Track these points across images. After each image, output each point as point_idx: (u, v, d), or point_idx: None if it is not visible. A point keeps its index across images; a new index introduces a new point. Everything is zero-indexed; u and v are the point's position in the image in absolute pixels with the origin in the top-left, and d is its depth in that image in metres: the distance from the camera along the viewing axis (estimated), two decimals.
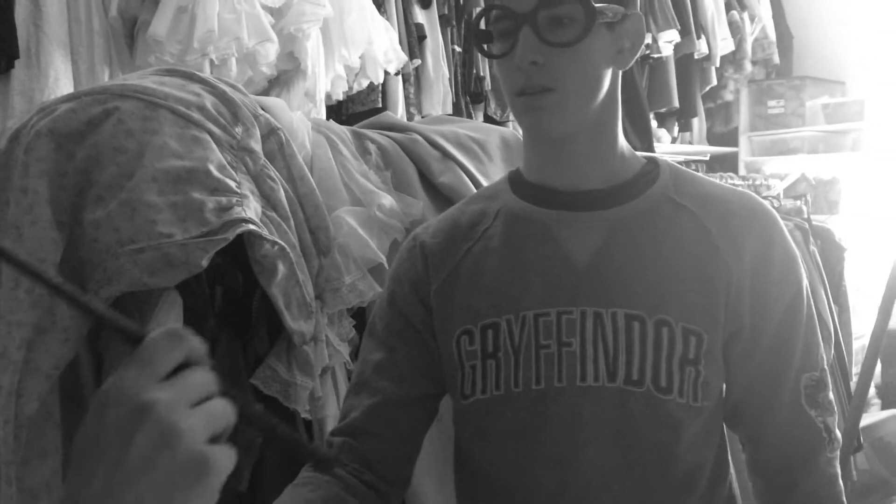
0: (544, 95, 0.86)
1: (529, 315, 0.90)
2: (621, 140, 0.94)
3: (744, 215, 0.91)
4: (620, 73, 0.92)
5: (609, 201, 0.92)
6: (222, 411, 0.50)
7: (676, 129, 3.72)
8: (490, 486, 0.94)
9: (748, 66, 3.81)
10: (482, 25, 0.91)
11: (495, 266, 0.93)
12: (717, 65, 3.64)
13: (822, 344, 0.95)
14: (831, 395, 0.95)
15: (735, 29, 3.69)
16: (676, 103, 3.46)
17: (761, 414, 0.93)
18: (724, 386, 0.94)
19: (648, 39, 3.18)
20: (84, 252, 1.14)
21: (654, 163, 0.96)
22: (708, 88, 3.69)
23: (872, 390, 2.92)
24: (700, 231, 0.90)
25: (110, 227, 1.11)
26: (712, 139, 3.94)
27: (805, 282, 0.93)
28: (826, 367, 0.95)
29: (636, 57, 0.92)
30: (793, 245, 0.93)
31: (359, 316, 1.41)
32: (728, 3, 3.69)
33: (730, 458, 0.98)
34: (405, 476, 0.99)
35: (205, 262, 1.13)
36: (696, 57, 3.46)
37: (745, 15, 3.76)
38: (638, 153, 0.98)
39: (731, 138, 3.96)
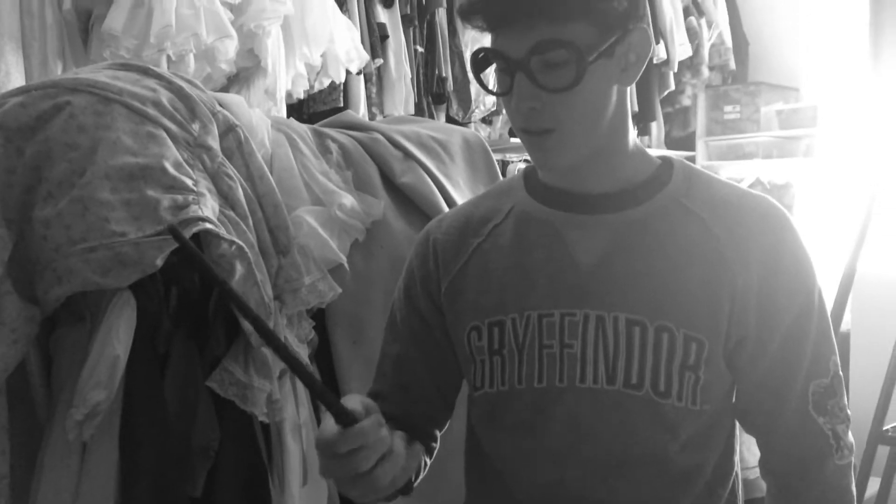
0: (546, 135, 0.86)
1: (534, 315, 0.91)
2: (633, 143, 0.94)
3: (754, 221, 0.90)
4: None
5: (618, 205, 0.92)
6: None
7: (635, 132, 3.76)
8: (495, 472, 0.97)
9: (705, 72, 3.87)
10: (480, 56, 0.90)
11: (503, 264, 0.95)
12: (676, 70, 3.69)
13: (835, 350, 0.94)
14: (844, 402, 0.94)
15: (693, 35, 3.74)
16: (636, 107, 3.50)
17: (769, 419, 0.94)
18: (734, 389, 0.95)
19: None
20: (33, 251, 1.11)
21: (668, 164, 0.96)
22: (666, 93, 3.74)
23: None
24: (707, 237, 0.89)
25: (61, 226, 1.08)
26: (670, 143, 3.99)
27: (818, 288, 0.92)
28: (839, 373, 0.93)
29: (643, 67, 0.89)
30: (806, 251, 0.92)
31: (318, 317, 1.39)
32: (686, 9, 3.74)
33: (737, 459, 0.99)
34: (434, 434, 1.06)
35: (159, 262, 1.10)
36: (654, 62, 3.50)
37: (703, 21, 3.82)
38: (654, 153, 0.97)
39: (688, 143, 4.01)
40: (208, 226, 1.15)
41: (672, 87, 3.72)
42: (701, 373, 0.88)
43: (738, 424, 0.99)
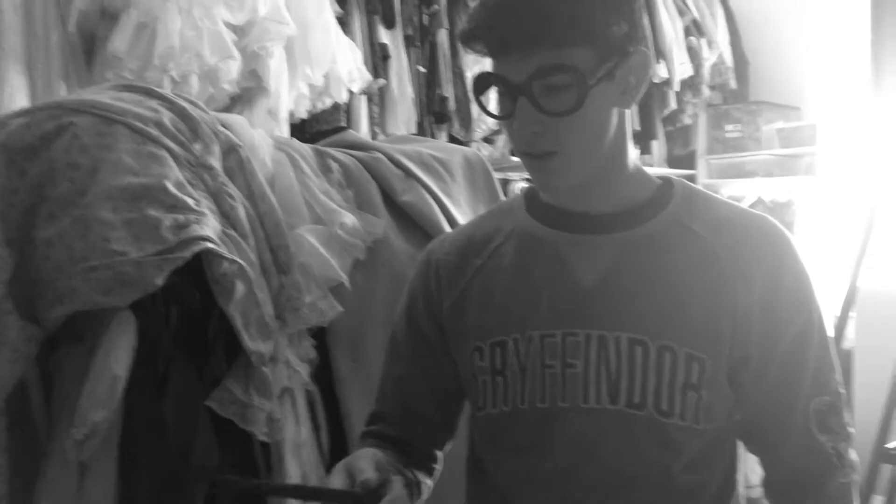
0: (549, 158, 0.87)
1: (536, 335, 0.91)
2: (633, 164, 0.94)
3: (755, 241, 0.90)
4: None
5: (619, 225, 0.92)
6: None
7: (637, 151, 3.77)
8: (497, 492, 0.97)
9: (706, 91, 3.88)
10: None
11: (505, 285, 0.95)
12: (677, 89, 3.70)
13: (837, 368, 0.94)
14: (846, 420, 0.93)
15: (693, 54, 3.76)
16: (637, 126, 3.52)
17: (771, 437, 0.94)
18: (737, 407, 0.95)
19: None
20: (35, 271, 1.11)
21: (668, 185, 0.96)
22: (667, 112, 3.75)
23: None
24: (709, 257, 0.90)
25: (62, 245, 1.08)
26: (672, 162, 4.00)
27: (818, 307, 0.92)
28: (840, 391, 0.93)
29: (643, 89, 0.90)
30: (806, 271, 0.92)
31: (319, 336, 1.39)
32: (687, 29, 3.77)
33: (740, 478, 0.99)
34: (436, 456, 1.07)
35: (160, 281, 1.10)
36: (655, 81, 3.52)
37: (703, 41, 3.84)
38: (654, 174, 0.98)
39: (689, 161, 4.02)
40: (209, 245, 1.15)
41: (673, 106, 3.74)
42: (703, 392, 0.88)
43: (740, 443, 0.98)
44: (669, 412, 0.88)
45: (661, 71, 3.53)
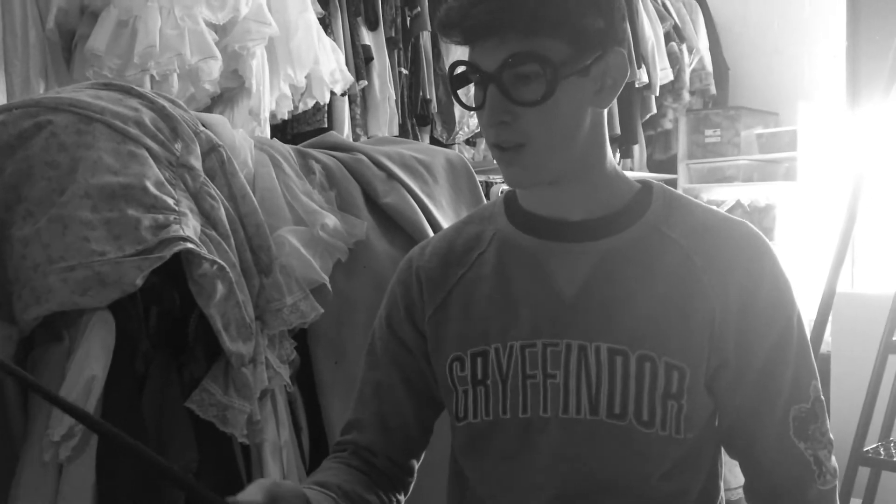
0: (517, 151, 0.86)
1: (517, 345, 0.91)
2: (611, 169, 0.94)
3: (733, 248, 0.90)
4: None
5: (597, 232, 0.92)
6: None
7: (618, 155, 3.79)
8: (477, 500, 0.97)
9: (686, 96, 3.92)
10: (457, 72, 0.90)
11: (486, 294, 0.95)
12: (657, 94, 3.73)
13: (815, 375, 0.93)
14: (826, 427, 0.93)
15: (674, 60, 3.79)
16: (618, 130, 3.54)
17: (750, 444, 0.93)
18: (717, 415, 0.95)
19: None
20: (12, 270, 1.10)
21: (647, 189, 0.96)
22: (648, 117, 3.78)
23: None
24: (686, 264, 0.89)
25: (40, 244, 1.07)
26: (652, 166, 4.02)
27: (797, 313, 0.92)
28: (820, 397, 0.93)
29: (618, 91, 0.90)
30: (786, 277, 0.92)
31: (300, 337, 1.38)
32: (667, 35, 3.80)
33: (721, 483, 0.99)
34: (412, 465, 1.06)
35: (139, 282, 1.10)
36: (636, 86, 3.54)
37: (684, 46, 3.88)
38: (633, 178, 0.98)
39: (670, 165, 4.05)
40: (189, 245, 1.14)
41: (654, 110, 3.77)
42: (683, 401, 0.88)
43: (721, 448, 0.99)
44: (650, 422, 0.88)
45: (642, 76, 3.55)
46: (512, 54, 0.82)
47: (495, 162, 0.91)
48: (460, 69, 0.88)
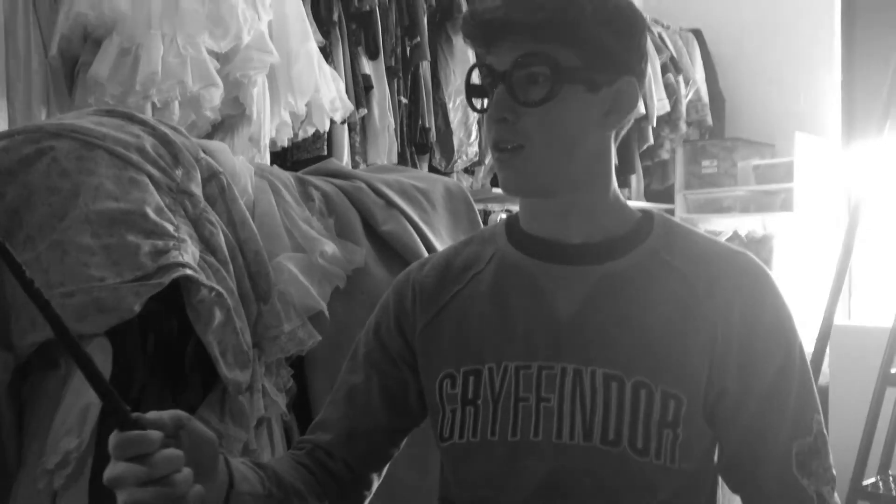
0: (515, 153, 0.88)
1: (511, 366, 0.90)
2: (614, 195, 0.94)
3: (734, 277, 0.89)
4: (613, 134, 0.92)
5: (597, 256, 0.92)
6: None
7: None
8: None
9: (683, 127, 3.95)
10: (474, 80, 0.93)
11: (481, 312, 0.94)
12: (654, 125, 3.77)
13: (818, 408, 0.92)
14: (829, 462, 0.91)
15: (671, 91, 3.83)
16: (616, 160, 3.57)
17: (750, 479, 0.91)
18: (717, 447, 0.93)
19: None
20: (10, 296, 1.10)
21: (648, 217, 0.96)
22: (645, 147, 3.81)
23: None
24: (686, 292, 0.89)
25: (39, 270, 1.07)
26: (649, 196, 4.04)
27: (799, 345, 0.91)
28: (823, 431, 0.91)
29: (627, 120, 0.92)
30: (787, 308, 0.91)
31: (297, 365, 1.38)
32: (664, 66, 3.84)
33: None
34: (371, 478, 1.03)
35: (137, 308, 1.09)
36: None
37: (680, 78, 3.92)
38: (635, 206, 0.98)
39: (667, 195, 4.07)
40: (188, 272, 1.14)
41: (651, 141, 3.80)
42: (679, 430, 0.86)
43: (720, 482, 0.97)
44: (645, 450, 0.86)
45: (639, 107, 3.59)
46: (523, 54, 0.85)
47: (495, 167, 0.92)
48: (476, 76, 0.91)
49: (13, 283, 1.08)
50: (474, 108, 0.95)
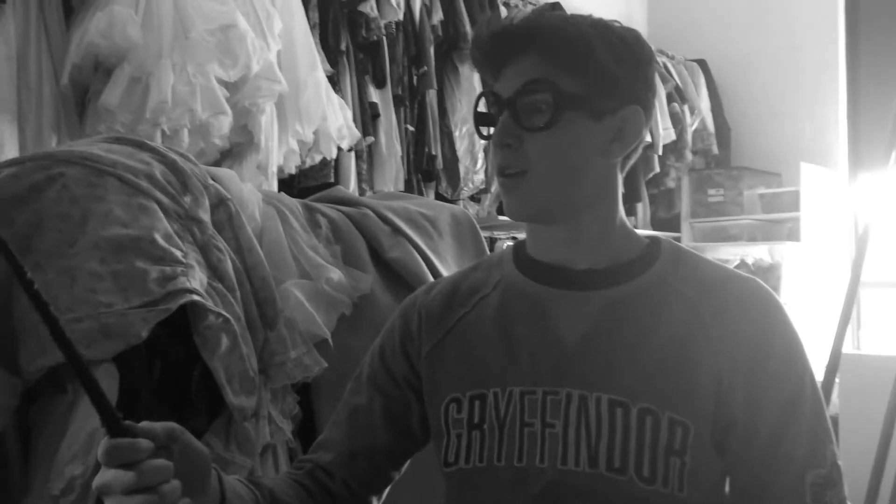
0: (518, 178, 0.89)
1: (516, 391, 0.89)
2: (621, 222, 0.95)
3: (743, 303, 0.89)
4: (619, 162, 0.93)
5: (603, 282, 0.91)
6: None
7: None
8: None
9: (689, 156, 3.97)
10: (481, 108, 0.95)
11: (487, 337, 0.94)
12: (660, 153, 3.78)
13: (832, 438, 0.90)
14: (843, 494, 0.89)
15: (676, 120, 3.85)
16: (622, 188, 3.58)
17: None
18: (728, 477, 0.91)
19: None
20: (17, 321, 1.10)
21: (656, 244, 0.96)
22: (651, 175, 3.82)
23: None
24: (693, 318, 0.88)
25: (48, 296, 1.05)
26: (656, 224, 4.05)
27: (810, 374, 0.89)
28: (837, 462, 0.89)
29: (633, 150, 0.92)
30: (797, 336, 0.90)
31: (303, 392, 1.37)
32: (669, 96, 3.87)
33: None
34: (370, 500, 1.02)
35: (144, 334, 1.09)
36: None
37: (686, 107, 3.94)
38: (642, 234, 0.98)
39: (673, 224, 4.08)
40: (195, 297, 1.15)
41: (657, 169, 3.81)
42: (687, 458, 0.85)
43: None
44: (652, 478, 0.84)
45: (645, 135, 3.61)
46: (527, 81, 0.87)
47: (500, 191, 0.94)
48: (483, 104, 0.93)
49: (21, 309, 1.09)
50: (481, 136, 0.96)
